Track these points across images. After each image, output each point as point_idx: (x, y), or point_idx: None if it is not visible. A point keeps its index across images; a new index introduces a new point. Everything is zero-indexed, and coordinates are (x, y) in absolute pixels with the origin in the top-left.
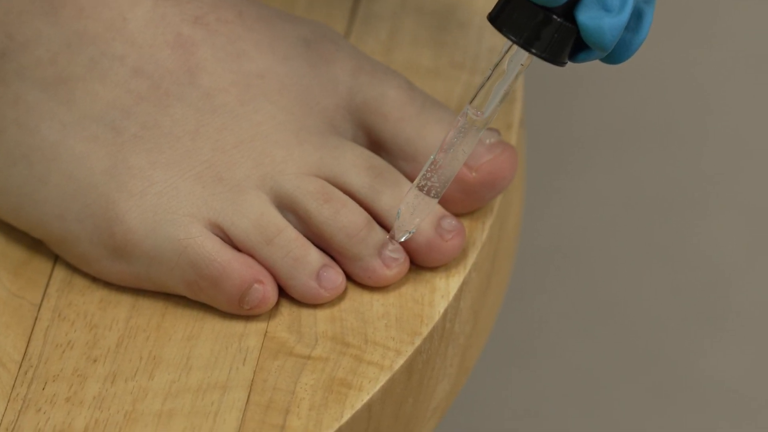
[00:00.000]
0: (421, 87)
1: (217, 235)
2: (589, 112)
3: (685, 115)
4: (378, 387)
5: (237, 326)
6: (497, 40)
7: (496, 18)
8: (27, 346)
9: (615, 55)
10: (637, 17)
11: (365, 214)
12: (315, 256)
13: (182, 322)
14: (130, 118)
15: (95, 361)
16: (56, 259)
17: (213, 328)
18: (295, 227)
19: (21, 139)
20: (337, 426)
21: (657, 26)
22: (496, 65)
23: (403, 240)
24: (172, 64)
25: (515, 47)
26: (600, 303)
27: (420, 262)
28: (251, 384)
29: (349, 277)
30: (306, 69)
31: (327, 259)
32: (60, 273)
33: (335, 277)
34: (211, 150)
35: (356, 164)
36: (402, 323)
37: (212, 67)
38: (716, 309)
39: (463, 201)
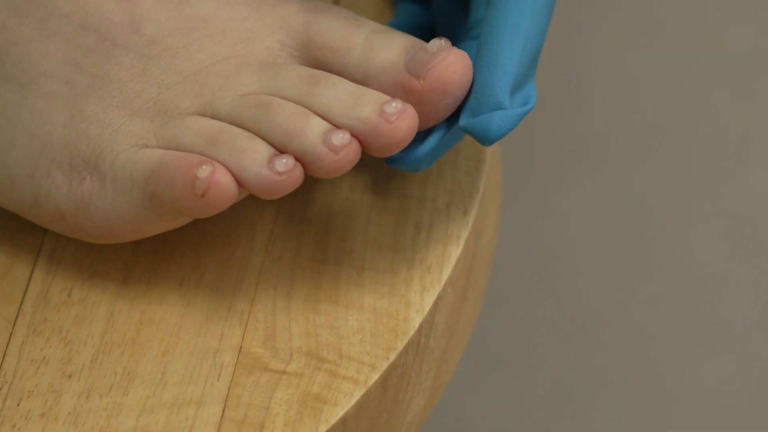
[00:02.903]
0: None
1: None
2: (568, 122)
3: (665, 125)
4: (353, 402)
5: (212, 341)
6: None
7: None
8: (2, 361)
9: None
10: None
11: (299, 107)
12: (262, 145)
13: (157, 338)
14: (82, 71)
15: (70, 376)
16: (31, 274)
17: (188, 343)
18: None
19: None
20: None
21: (636, 34)
22: None
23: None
24: (117, 16)
25: None
26: (580, 313)
27: (374, 152)
28: (226, 399)
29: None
30: (249, 12)
31: (277, 152)
32: (35, 288)
33: (288, 160)
34: (157, 89)
35: (292, 77)
36: (377, 338)
37: (155, 16)
38: (699, 318)
39: (419, 113)
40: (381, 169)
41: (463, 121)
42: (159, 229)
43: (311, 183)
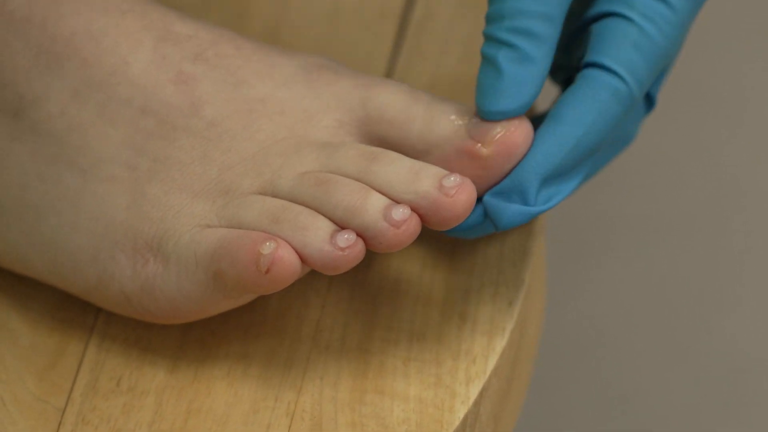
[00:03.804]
0: None
1: None
2: (609, 200)
3: (709, 202)
4: None
5: (259, 431)
6: None
7: None
8: None
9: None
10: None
11: (358, 184)
12: (324, 222)
13: (204, 427)
14: (143, 154)
15: None
16: (80, 363)
17: None
18: None
19: (45, 191)
20: None
21: (678, 110)
22: None
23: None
24: (176, 100)
25: None
26: (621, 393)
27: (433, 226)
28: None
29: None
30: (306, 91)
31: (339, 228)
32: (84, 377)
33: (349, 236)
34: (218, 170)
35: (351, 155)
36: (422, 429)
37: (214, 99)
38: (743, 402)
39: (481, 177)
40: (426, 259)
41: (486, 196)
42: (223, 308)
43: (356, 274)
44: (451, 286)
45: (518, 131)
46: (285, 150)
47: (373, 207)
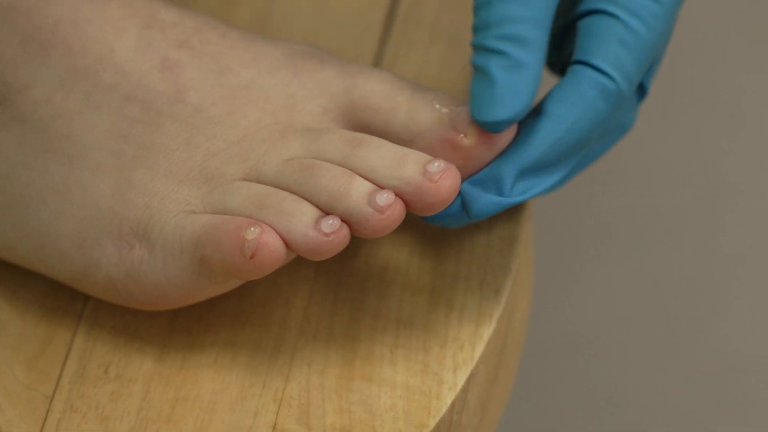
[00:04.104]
0: None
1: None
2: (604, 199)
3: (701, 200)
4: None
5: (246, 418)
6: None
7: None
8: None
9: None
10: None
11: (343, 169)
12: (309, 208)
13: (192, 415)
14: (128, 141)
15: None
16: (68, 351)
17: (223, 420)
18: None
19: (32, 180)
20: None
21: (671, 108)
22: None
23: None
24: (161, 86)
25: None
26: (614, 393)
27: (418, 211)
28: None
29: (353, 239)
30: (290, 78)
31: (323, 213)
32: (72, 365)
33: (334, 221)
34: (203, 156)
35: (335, 140)
36: (409, 415)
37: (199, 85)
38: (737, 400)
39: (464, 167)
40: (414, 246)
41: (464, 185)
42: (209, 294)
43: (344, 261)
44: (439, 273)
45: None
46: (270, 136)
47: (357, 192)
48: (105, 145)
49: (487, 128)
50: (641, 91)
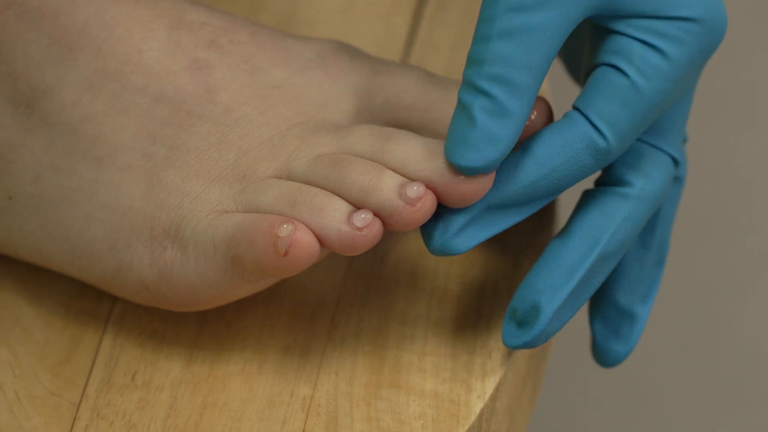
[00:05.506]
0: None
1: None
2: None
3: (725, 199)
4: None
5: (274, 426)
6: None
7: None
8: None
9: (602, 362)
10: (630, 321)
11: (373, 163)
12: (341, 203)
13: (220, 423)
14: (158, 143)
15: None
16: (95, 358)
17: (250, 428)
18: None
19: (60, 183)
20: None
21: (692, 111)
22: None
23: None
24: (191, 87)
25: None
26: (640, 393)
27: (450, 203)
28: None
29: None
30: (322, 77)
31: (355, 208)
32: (99, 372)
33: (366, 215)
34: (234, 155)
35: (364, 135)
36: (438, 423)
37: (229, 85)
38: (757, 399)
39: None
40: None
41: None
42: (242, 293)
43: (372, 268)
44: (467, 280)
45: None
46: (301, 134)
47: (387, 186)
48: (134, 146)
49: (458, 171)
50: (675, 163)
